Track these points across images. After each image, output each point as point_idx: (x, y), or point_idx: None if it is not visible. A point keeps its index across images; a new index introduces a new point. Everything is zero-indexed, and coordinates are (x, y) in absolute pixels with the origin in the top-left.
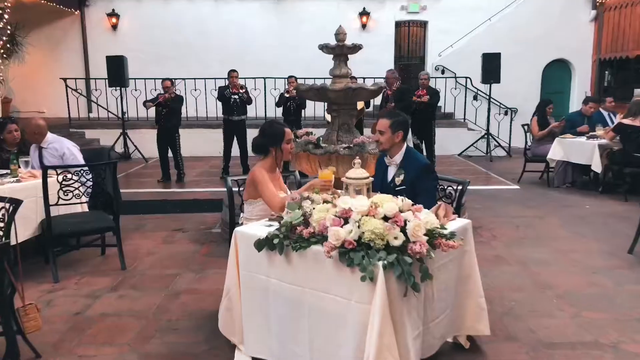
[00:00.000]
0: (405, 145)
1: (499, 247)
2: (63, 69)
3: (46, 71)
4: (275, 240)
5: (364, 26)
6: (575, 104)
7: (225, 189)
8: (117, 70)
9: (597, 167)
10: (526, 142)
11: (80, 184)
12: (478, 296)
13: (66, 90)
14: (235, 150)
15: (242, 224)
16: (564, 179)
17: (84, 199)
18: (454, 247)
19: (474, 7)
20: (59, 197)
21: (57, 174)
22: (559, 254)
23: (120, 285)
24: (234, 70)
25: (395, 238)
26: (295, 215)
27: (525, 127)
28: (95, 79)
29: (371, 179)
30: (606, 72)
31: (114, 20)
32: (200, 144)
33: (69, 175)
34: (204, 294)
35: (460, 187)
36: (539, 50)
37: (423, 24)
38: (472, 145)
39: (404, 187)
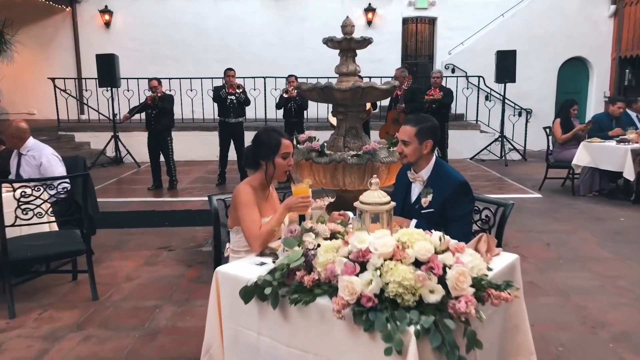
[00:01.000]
0: (434, 157)
1: (531, 270)
2: (54, 68)
3: (36, 71)
4: (267, 290)
5: (369, 23)
6: (593, 105)
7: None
8: (107, 70)
9: (629, 174)
10: (548, 147)
11: (42, 201)
12: (529, 352)
13: (54, 90)
14: (233, 155)
15: (227, 256)
16: (591, 186)
17: (48, 217)
18: (507, 300)
19: (485, 2)
20: (16, 217)
21: (14, 190)
22: (603, 280)
23: (88, 321)
24: (230, 69)
25: (432, 292)
26: (293, 255)
27: (547, 130)
28: (85, 78)
29: (393, 204)
30: (626, 70)
31: (107, 17)
32: (197, 147)
33: (28, 191)
34: (186, 335)
35: (501, 210)
36: (555, 48)
37: (432, 21)
38: (485, 148)
39: (432, 210)
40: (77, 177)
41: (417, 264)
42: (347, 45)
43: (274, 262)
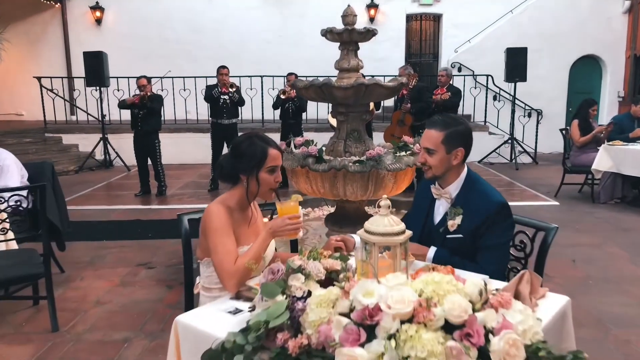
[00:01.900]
0: (465, 169)
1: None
2: (42, 67)
3: (24, 70)
4: (238, 358)
5: (371, 20)
6: (606, 105)
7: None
8: (96, 68)
9: None
10: (565, 150)
11: None
12: None
13: (41, 90)
14: None
15: (197, 294)
16: (612, 193)
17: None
18: None
19: None
20: None
21: None
22: None
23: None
24: (223, 67)
25: None
26: (274, 309)
27: (564, 132)
28: (73, 77)
29: (409, 233)
30: None
31: (98, 14)
32: (190, 150)
33: None
34: None
35: (542, 235)
36: (566, 45)
37: (437, 18)
38: (494, 151)
39: (460, 235)
40: (30, 188)
41: (448, 327)
42: (349, 37)
43: (251, 310)
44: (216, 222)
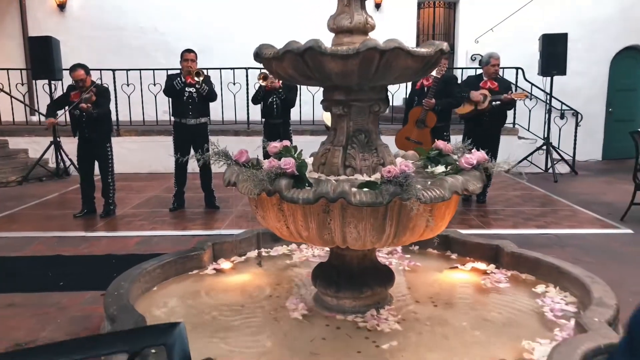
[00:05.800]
0: None
1: None
2: None
3: None
4: None
5: (377, 6)
6: None
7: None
8: (43, 57)
9: None
10: (637, 160)
11: None
12: None
13: None
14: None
15: None
16: None
17: None
18: None
19: None
20: None
21: None
22: None
23: None
24: (189, 51)
25: None
26: None
27: (636, 136)
28: (23, 69)
29: None
30: None
31: None
32: (161, 156)
33: None
34: None
35: None
36: (607, 34)
37: (452, 5)
38: (525, 158)
39: None
40: None
41: None
42: None
43: None
44: None
